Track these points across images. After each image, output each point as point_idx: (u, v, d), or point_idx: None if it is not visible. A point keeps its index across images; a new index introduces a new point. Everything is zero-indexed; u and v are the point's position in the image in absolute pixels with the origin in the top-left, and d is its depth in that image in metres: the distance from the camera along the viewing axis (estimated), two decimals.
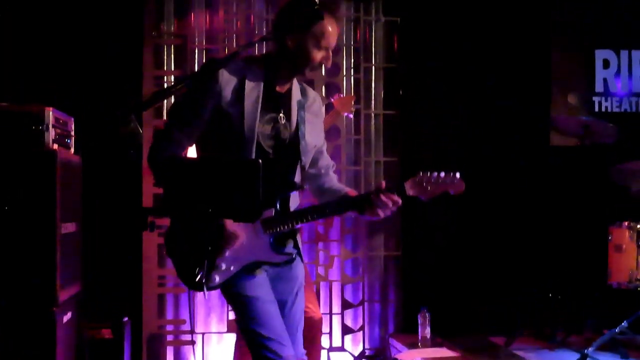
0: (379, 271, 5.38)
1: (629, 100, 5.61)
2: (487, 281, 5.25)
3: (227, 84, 2.73)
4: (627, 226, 4.75)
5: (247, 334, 2.81)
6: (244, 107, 2.74)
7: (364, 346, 5.33)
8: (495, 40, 5.40)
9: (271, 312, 2.80)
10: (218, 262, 2.72)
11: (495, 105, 5.38)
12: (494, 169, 5.34)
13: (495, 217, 5.33)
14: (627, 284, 4.68)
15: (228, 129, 2.75)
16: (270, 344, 2.74)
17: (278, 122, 2.83)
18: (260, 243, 2.79)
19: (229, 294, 2.83)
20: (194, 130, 2.77)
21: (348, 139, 5.32)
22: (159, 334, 5.04)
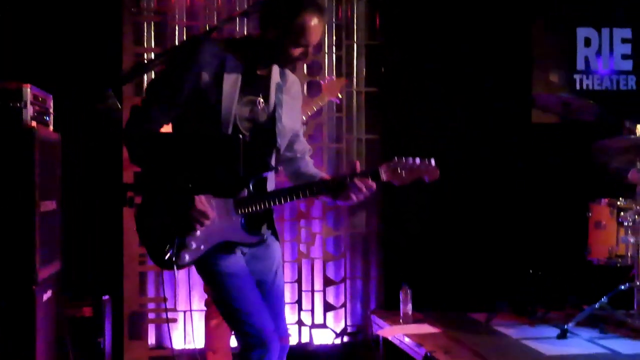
0: (361, 248, 5.39)
1: (609, 78, 5.63)
2: (468, 258, 5.27)
3: (206, 65, 2.71)
4: (606, 203, 4.79)
5: (225, 310, 2.82)
6: (222, 89, 2.72)
7: (346, 323, 5.34)
8: (477, 18, 5.39)
9: (247, 287, 2.80)
10: (188, 241, 2.71)
11: (477, 83, 5.38)
12: (475, 146, 5.36)
13: (476, 194, 5.35)
14: (607, 260, 4.74)
15: (205, 110, 2.73)
16: (250, 318, 2.75)
17: (256, 105, 2.82)
18: (231, 224, 2.77)
19: (204, 272, 2.83)
20: (171, 108, 2.75)
21: (330, 116, 5.30)
22: (140, 311, 5.01)
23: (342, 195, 2.79)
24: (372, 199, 5.24)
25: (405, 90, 5.35)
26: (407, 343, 4.40)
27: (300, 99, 3.07)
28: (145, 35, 5.11)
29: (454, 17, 5.36)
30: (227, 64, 2.74)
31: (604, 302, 4.50)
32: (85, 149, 4.69)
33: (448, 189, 5.31)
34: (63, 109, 4.10)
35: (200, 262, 2.79)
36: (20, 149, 3.55)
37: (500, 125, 5.41)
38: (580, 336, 4.41)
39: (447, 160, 5.18)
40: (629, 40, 5.62)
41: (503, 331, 4.59)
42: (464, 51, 5.36)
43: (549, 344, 4.24)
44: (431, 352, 4.03)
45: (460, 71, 5.36)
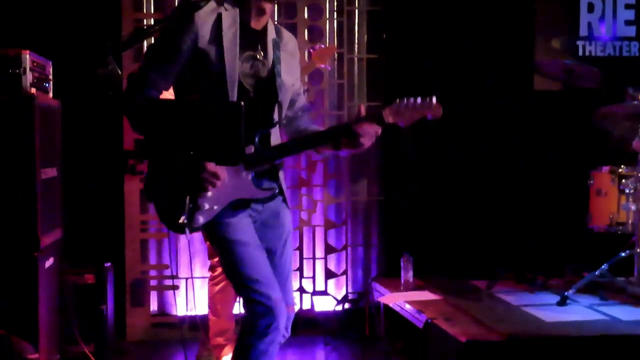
0: (362, 216, 5.42)
1: (613, 44, 5.59)
2: (469, 226, 5.29)
3: (203, 22, 2.70)
4: (608, 170, 4.77)
5: (234, 277, 2.82)
6: (222, 45, 2.71)
7: (347, 290, 5.38)
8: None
9: (257, 255, 2.80)
10: (201, 202, 2.70)
11: (479, 49, 5.35)
12: (478, 114, 5.34)
13: (478, 162, 5.35)
14: (608, 227, 4.73)
15: (208, 69, 2.72)
16: (259, 286, 2.74)
17: (257, 59, 2.81)
18: (242, 181, 2.77)
19: (214, 239, 2.84)
20: (170, 71, 2.73)
21: (331, 83, 5.29)
22: (142, 279, 5.06)
23: (347, 143, 2.78)
24: (374, 165, 5.35)
25: (407, 56, 5.32)
26: (408, 310, 4.43)
27: (298, 56, 3.04)
28: (145, 0, 5.08)
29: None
30: (223, 20, 2.73)
31: (604, 269, 4.51)
32: (85, 115, 4.67)
33: (450, 157, 5.34)
34: (63, 76, 4.08)
35: (211, 229, 2.79)
36: (20, 116, 3.57)
37: (503, 92, 5.39)
38: (580, 303, 4.43)
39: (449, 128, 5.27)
40: (633, 6, 5.58)
41: (503, 298, 4.61)
42: (466, 18, 5.32)
43: (549, 311, 4.26)
44: (432, 319, 4.05)
45: (462, 38, 5.33)
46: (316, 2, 5.26)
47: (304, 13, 5.22)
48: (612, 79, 5.20)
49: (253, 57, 2.79)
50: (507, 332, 3.77)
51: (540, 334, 3.85)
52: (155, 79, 2.73)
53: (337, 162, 5.35)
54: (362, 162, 5.34)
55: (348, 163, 5.34)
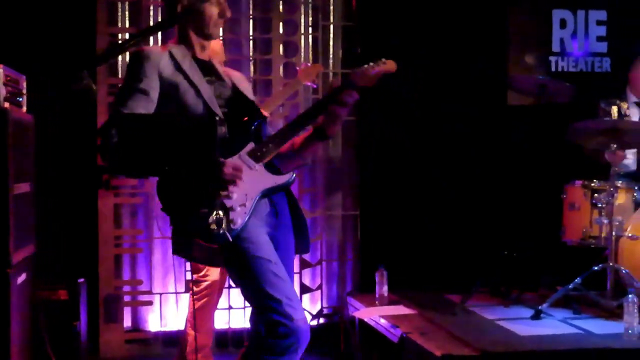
0: (337, 230, 5.43)
1: (585, 60, 5.68)
2: (444, 240, 5.33)
3: (159, 59, 2.76)
4: (581, 185, 4.83)
5: (255, 296, 2.74)
6: (187, 73, 2.78)
7: (322, 305, 5.39)
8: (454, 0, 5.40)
9: (279, 273, 2.74)
10: (231, 205, 2.68)
11: (454, 64, 5.40)
12: (452, 128, 5.38)
13: (452, 176, 5.39)
14: (581, 241, 4.78)
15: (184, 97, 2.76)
16: (282, 307, 2.67)
17: (214, 84, 2.88)
18: (258, 173, 2.79)
19: (233, 255, 2.75)
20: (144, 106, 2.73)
21: (306, 97, 5.31)
22: (116, 294, 5.02)
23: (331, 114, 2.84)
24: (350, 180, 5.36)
25: None
26: (383, 324, 4.43)
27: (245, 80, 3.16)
28: (120, 15, 5.08)
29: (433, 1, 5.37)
30: (175, 55, 2.80)
31: (577, 282, 4.54)
32: (59, 130, 4.66)
33: (425, 172, 5.36)
34: (37, 90, 4.06)
35: (230, 248, 2.73)
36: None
37: (477, 107, 5.44)
38: (554, 317, 4.45)
39: (423, 143, 5.30)
40: (604, 22, 5.68)
41: (478, 312, 4.62)
42: (440, 34, 5.37)
43: (523, 325, 4.28)
44: (407, 334, 4.05)
45: (437, 52, 5.39)
46: (291, 18, 5.29)
47: (279, 29, 5.25)
48: (585, 94, 5.27)
49: (212, 82, 2.86)
50: (481, 347, 3.77)
51: (514, 348, 3.86)
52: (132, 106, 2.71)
53: (313, 176, 5.37)
54: (337, 177, 5.36)
55: (323, 177, 5.35)
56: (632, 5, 5.59)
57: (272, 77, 5.23)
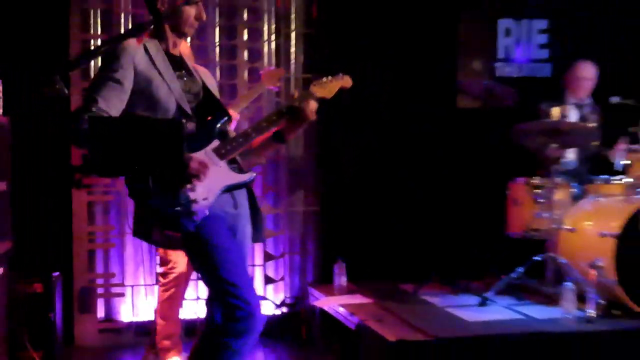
0: (299, 225, 5.43)
1: (527, 66, 5.74)
2: (398, 233, 5.34)
3: (135, 52, 2.75)
4: (523, 182, 4.90)
5: (214, 282, 2.78)
6: (159, 69, 2.78)
7: (285, 295, 5.39)
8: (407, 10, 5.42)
9: (239, 261, 2.80)
10: (194, 196, 2.69)
11: (406, 70, 5.43)
12: (405, 130, 5.41)
13: (407, 175, 5.41)
14: (524, 234, 4.84)
15: (155, 90, 2.76)
16: (239, 291, 2.71)
17: (185, 78, 2.90)
18: (222, 170, 2.80)
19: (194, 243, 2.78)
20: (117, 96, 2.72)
21: (269, 100, 5.29)
22: (89, 287, 4.99)
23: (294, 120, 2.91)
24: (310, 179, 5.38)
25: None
26: (342, 313, 4.45)
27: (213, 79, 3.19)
28: (92, 21, 5.02)
29: (389, 11, 5.38)
30: (149, 50, 2.80)
31: (520, 272, 4.61)
32: (34, 132, 4.61)
33: (380, 170, 5.39)
34: (12, 93, 4.02)
35: (192, 236, 2.74)
36: None
37: (428, 110, 5.44)
38: (499, 303, 4.50)
39: (378, 144, 5.34)
40: (546, 31, 5.74)
41: (430, 300, 4.66)
42: (394, 41, 5.39)
43: (471, 311, 4.33)
44: (363, 321, 4.09)
45: (390, 59, 5.40)
46: (255, 26, 5.29)
47: (244, 36, 5.25)
48: (528, 98, 5.36)
49: (181, 76, 2.88)
50: (432, 332, 3.81)
51: (462, 333, 3.91)
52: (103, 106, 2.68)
53: (276, 175, 5.37)
54: (299, 175, 5.37)
55: (285, 176, 5.36)
56: (571, 15, 5.66)
57: (237, 82, 5.23)
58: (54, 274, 4.41)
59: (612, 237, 4.21)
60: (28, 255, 4.37)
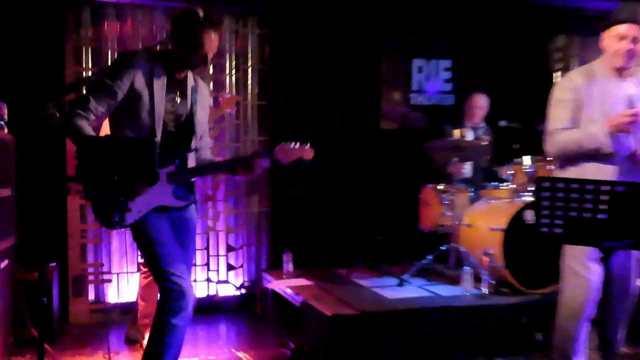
0: (255, 223, 5.41)
1: (435, 96, 5.79)
2: (334, 228, 5.34)
3: (139, 69, 2.70)
4: (432, 187, 4.97)
5: (155, 269, 2.77)
6: (153, 91, 2.72)
7: (244, 279, 5.36)
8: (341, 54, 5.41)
9: (173, 252, 2.78)
10: (130, 206, 2.66)
11: (342, 99, 5.44)
12: (341, 147, 5.41)
13: (342, 182, 5.42)
14: (432, 228, 4.92)
15: (141, 106, 2.71)
16: (174, 277, 2.72)
17: (175, 102, 2.83)
18: (165, 191, 2.77)
19: (140, 237, 2.77)
20: (108, 102, 2.67)
21: (231, 123, 5.29)
22: (81, 275, 4.89)
23: (243, 171, 2.87)
24: (264, 184, 5.37)
25: (287, 103, 5.36)
26: (289, 293, 4.46)
27: (209, 99, 3.08)
28: (84, 57, 4.93)
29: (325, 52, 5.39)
30: (155, 72, 2.73)
31: (429, 259, 4.68)
32: (35, 148, 4.50)
33: (321, 178, 5.39)
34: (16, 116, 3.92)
35: (138, 231, 2.74)
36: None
37: (359, 130, 5.49)
38: (413, 284, 4.54)
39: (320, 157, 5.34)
40: (449, 69, 5.81)
41: (359, 282, 4.68)
42: (331, 74, 5.40)
43: (391, 291, 4.36)
44: (306, 299, 4.11)
45: (329, 91, 5.40)
46: (219, 62, 5.25)
47: (210, 69, 5.22)
48: (435, 121, 5.44)
49: (174, 99, 2.82)
50: (360, 307, 3.84)
51: (384, 308, 3.95)
52: (94, 106, 2.65)
53: (236, 182, 5.34)
54: (254, 182, 5.34)
55: (244, 182, 5.34)
56: (469, 57, 5.75)
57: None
58: (51, 265, 4.31)
59: (500, 231, 4.27)
60: (30, 249, 4.25)
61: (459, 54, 5.79)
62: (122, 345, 4.24)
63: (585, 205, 2.27)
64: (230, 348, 4.15)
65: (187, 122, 2.85)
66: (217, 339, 4.41)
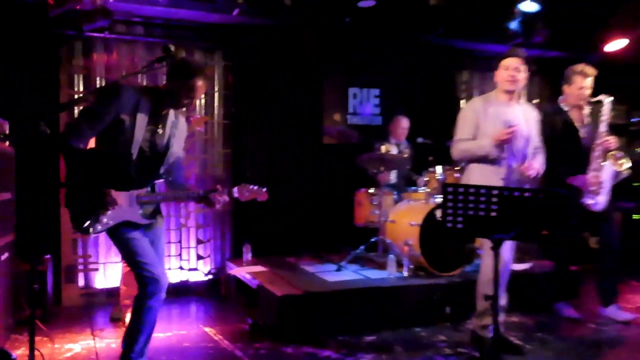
0: (220, 220, 5.35)
1: (367, 117, 5.85)
2: (285, 224, 5.32)
3: (126, 100, 2.63)
4: (364, 191, 5.01)
5: (131, 262, 2.73)
6: (135, 121, 2.65)
7: (211, 267, 5.29)
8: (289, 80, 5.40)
9: (145, 246, 2.74)
10: (101, 218, 2.62)
11: (291, 119, 5.43)
12: (290, 158, 5.43)
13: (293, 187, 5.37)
14: (365, 224, 4.96)
15: (123, 131, 2.64)
16: (148, 266, 2.69)
17: (156, 132, 2.77)
18: (133, 210, 2.72)
19: (115, 238, 2.73)
20: (97, 127, 2.62)
21: (200, 138, 5.22)
22: (73, 265, 4.73)
23: (207, 204, 2.82)
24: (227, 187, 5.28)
25: (247, 122, 5.33)
26: (247, 277, 4.43)
27: (185, 134, 3.00)
28: (76, 82, 4.79)
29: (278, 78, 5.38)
30: (140, 105, 2.66)
31: (362, 248, 4.71)
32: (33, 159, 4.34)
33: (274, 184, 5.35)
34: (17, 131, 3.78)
35: (113, 232, 2.69)
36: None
37: (305, 145, 5.49)
38: (349, 269, 4.56)
39: (273, 166, 5.35)
40: (378, 96, 5.87)
41: (305, 268, 4.68)
42: (283, 98, 5.36)
43: (331, 275, 4.37)
44: (261, 283, 4.09)
45: (281, 113, 5.39)
46: None
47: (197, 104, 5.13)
48: (367, 138, 5.50)
49: (154, 130, 2.74)
50: (305, 288, 3.86)
51: (325, 288, 3.96)
52: (85, 131, 2.61)
53: (204, 186, 5.25)
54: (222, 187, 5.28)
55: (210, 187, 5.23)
56: (394, 87, 5.85)
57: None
58: (46, 257, 4.16)
59: (417, 226, 4.33)
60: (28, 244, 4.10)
61: (385, 84, 5.86)
62: (107, 323, 4.13)
63: (480, 206, 2.35)
64: (199, 324, 4.10)
65: (162, 150, 2.79)
66: (188, 317, 4.34)
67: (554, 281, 4.26)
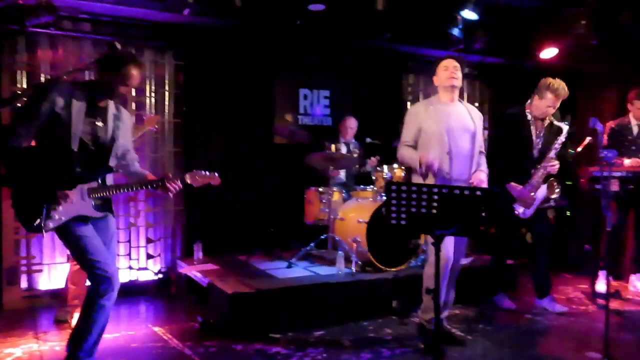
0: (171, 219, 5.23)
1: (317, 118, 5.88)
2: (235, 223, 5.27)
3: (59, 95, 2.54)
4: (314, 189, 5.01)
5: (83, 261, 2.63)
6: (71, 113, 2.57)
7: (161, 266, 5.16)
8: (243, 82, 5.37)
9: (97, 244, 2.65)
10: (52, 214, 2.52)
11: (243, 118, 5.38)
12: (242, 157, 5.38)
13: (244, 185, 5.35)
14: (314, 221, 4.96)
15: (60, 127, 2.55)
16: (101, 264, 2.61)
17: (96, 125, 2.67)
18: (85, 203, 2.63)
19: (65, 236, 2.63)
20: (32, 125, 2.52)
21: (150, 137, 5.08)
22: (15, 266, 4.50)
23: (160, 190, 2.76)
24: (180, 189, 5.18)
25: (198, 121, 5.23)
26: (198, 276, 4.36)
27: (130, 126, 2.94)
28: (19, 79, 4.55)
29: (229, 78, 5.32)
30: (74, 96, 2.58)
31: (312, 245, 4.71)
32: None
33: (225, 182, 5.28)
34: None
35: (63, 231, 2.59)
36: None
37: (256, 144, 5.44)
38: (299, 266, 4.56)
39: (225, 165, 5.28)
40: (328, 97, 5.90)
41: (256, 265, 4.65)
42: (234, 98, 5.34)
43: (281, 272, 4.36)
44: (212, 281, 4.03)
45: (231, 111, 5.34)
46: (141, 86, 5.04)
47: (132, 92, 4.99)
48: (317, 137, 5.51)
49: (93, 123, 2.66)
50: (256, 286, 3.83)
51: (275, 286, 3.94)
52: (21, 130, 2.51)
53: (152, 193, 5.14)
54: None
55: None
56: (343, 88, 5.89)
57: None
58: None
59: (365, 223, 4.37)
60: None
61: (335, 86, 5.89)
62: (51, 325, 3.94)
63: (422, 204, 2.38)
64: (148, 324, 3.98)
65: (106, 143, 2.71)
66: (136, 317, 4.21)
67: (493, 275, 4.40)
